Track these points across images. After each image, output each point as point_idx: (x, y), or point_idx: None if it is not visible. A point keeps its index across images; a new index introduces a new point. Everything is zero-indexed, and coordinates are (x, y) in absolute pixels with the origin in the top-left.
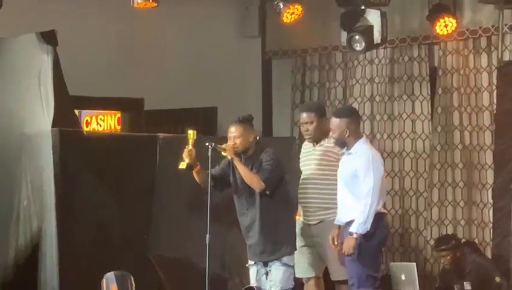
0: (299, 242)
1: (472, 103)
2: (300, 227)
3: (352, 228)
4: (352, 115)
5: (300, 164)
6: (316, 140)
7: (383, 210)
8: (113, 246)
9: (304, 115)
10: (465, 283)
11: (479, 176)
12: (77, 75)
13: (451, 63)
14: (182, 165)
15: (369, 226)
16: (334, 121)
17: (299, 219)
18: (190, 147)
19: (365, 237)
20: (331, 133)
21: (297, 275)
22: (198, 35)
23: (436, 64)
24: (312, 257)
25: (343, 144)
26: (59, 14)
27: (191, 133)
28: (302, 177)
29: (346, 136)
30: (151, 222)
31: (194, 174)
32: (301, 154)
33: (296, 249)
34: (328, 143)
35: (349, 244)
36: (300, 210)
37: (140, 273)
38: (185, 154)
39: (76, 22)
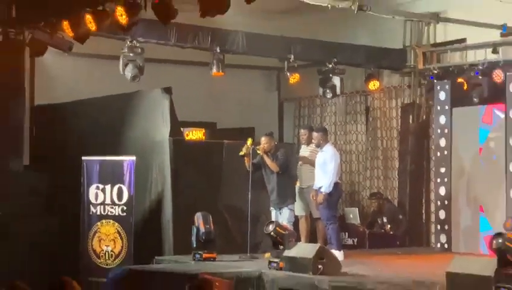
0: (297, 197)
1: (387, 124)
2: (297, 189)
3: (322, 189)
4: (324, 131)
5: (298, 156)
6: (307, 144)
7: (339, 181)
8: (202, 201)
9: (302, 131)
10: (383, 217)
11: (390, 164)
12: (181, 109)
13: (377, 104)
14: (241, 152)
15: (331, 189)
16: (315, 134)
17: (297, 184)
18: (247, 146)
19: (329, 195)
20: (313, 140)
21: (296, 213)
22: (245, 89)
23: (369, 105)
24: (303, 203)
25: (319, 145)
26: (173, 77)
27: (250, 140)
28: (298, 163)
29: (321, 141)
30: (220, 189)
31: (245, 161)
32: (300, 151)
33: (295, 201)
34: (312, 146)
35: (320, 198)
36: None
37: (215, 214)
38: (244, 148)
39: (182, 81)
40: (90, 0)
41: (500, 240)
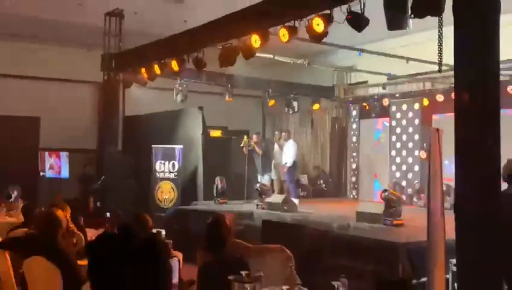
0: (272, 168)
1: (324, 129)
2: (273, 165)
3: (287, 165)
4: (288, 131)
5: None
6: (281, 139)
7: (296, 160)
8: (219, 171)
9: (277, 132)
10: (321, 180)
11: (325, 151)
12: (208, 118)
13: (318, 117)
14: (242, 144)
15: (291, 164)
16: (283, 134)
17: (273, 162)
18: (244, 140)
19: (290, 168)
20: (282, 137)
21: (271, 177)
22: (244, 109)
23: (313, 118)
24: (276, 172)
25: (286, 140)
26: (203, 101)
27: (246, 137)
28: (274, 150)
29: (287, 137)
30: (230, 164)
31: (244, 149)
32: (276, 143)
33: (271, 170)
34: (282, 140)
35: (285, 169)
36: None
37: (226, 179)
38: (243, 142)
39: (209, 103)
40: (156, 55)
41: (386, 193)
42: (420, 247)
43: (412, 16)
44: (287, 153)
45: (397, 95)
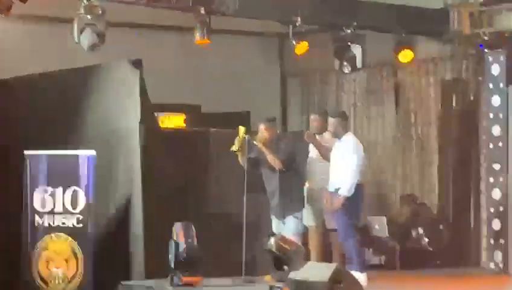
0: (305, 201)
1: (423, 107)
2: (307, 191)
3: (340, 192)
4: (342, 116)
5: (308, 148)
6: (319, 132)
7: (361, 180)
8: (180, 206)
9: (313, 116)
10: (419, 228)
11: (427, 157)
12: (155, 88)
13: (409, 81)
14: (234, 148)
15: (352, 191)
16: (331, 120)
17: (307, 185)
18: (240, 137)
19: (348, 199)
20: (328, 128)
21: (305, 223)
22: (238, 62)
23: (398, 81)
24: (314, 211)
25: (336, 135)
26: (144, 46)
27: (242, 129)
28: (309, 158)
29: (339, 130)
30: (205, 190)
31: (239, 156)
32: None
33: (304, 206)
34: (327, 136)
35: (337, 203)
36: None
37: (199, 224)
38: (237, 141)
39: (156, 52)
40: None
41: None
42: None
43: None
44: (341, 167)
45: None
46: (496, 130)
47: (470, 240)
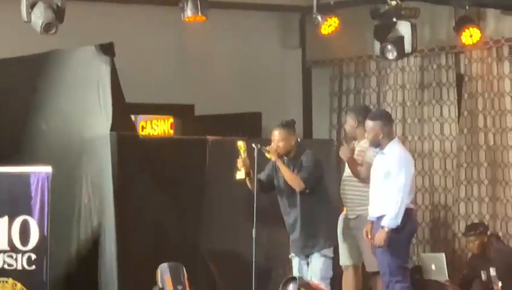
0: (340, 233)
1: (496, 106)
2: (341, 221)
3: (384, 222)
4: (385, 118)
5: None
6: (356, 140)
7: (412, 206)
8: (168, 242)
9: (349, 118)
10: (491, 269)
11: (502, 174)
12: (133, 83)
13: (476, 70)
14: (240, 175)
15: (399, 221)
16: (369, 124)
17: (343, 213)
18: (243, 156)
19: (395, 231)
20: (366, 135)
21: (340, 263)
22: (244, 46)
23: (462, 72)
24: (351, 247)
25: (377, 144)
26: (117, 26)
27: (242, 145)
28: (343, 176)
29: (380, 137)
30: (202, 219)
31: (247, 182)
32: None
33: (335, 242)
34: (365, 145)
35: (380, 237)
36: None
37: (192, 266)
38: (239, 165)
39: (133, 34)
40: None
41: None
42: None
43: None
44: (386, 188)
45: None
46: None
47: None
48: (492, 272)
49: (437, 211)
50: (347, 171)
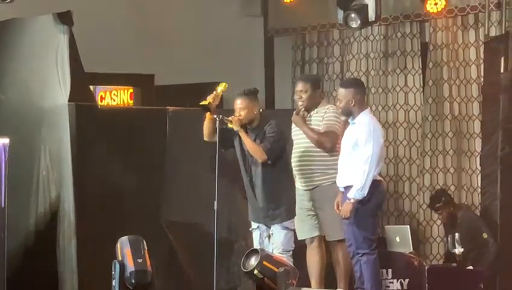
0: (297, 206)
1: (461, 76)
2: (300, 192)
3: (350, 194)
4: (358, 86)
5: (292, 134)
6: (307, 110)
7: (379, 177)
8: (127, 213)
9: (300, 84)
10: (456, 234)
11: (467, 144)
12: (92, 52)
13: (441, 39)
14: (204, 102)
15: (365, 192)
16: (341, 91)
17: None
18: (217, 93)
19: (362, 202)
20: (337, 103)
21: (300, 238)
22: (205, 14)
23: (427, 40)
24: (312, 219)
25: (348, 113)
26: None
27: (224, 85)
28: (294, 146)
29: (352, 105)
30: (162, 190)
31: (206, 120)
32: (293, 125)
33: (295, 215)
34: (329, 112)
35: (346, 209)
36: None
37: (152, 238)
38: (210, 96)
39: (91, 2)
40: None
41: None
42: None
43: None
44: (354, 159)
45: None
46: None
47: None
48: (456, 237)
49: (402, 182)
50: (300, 140)
